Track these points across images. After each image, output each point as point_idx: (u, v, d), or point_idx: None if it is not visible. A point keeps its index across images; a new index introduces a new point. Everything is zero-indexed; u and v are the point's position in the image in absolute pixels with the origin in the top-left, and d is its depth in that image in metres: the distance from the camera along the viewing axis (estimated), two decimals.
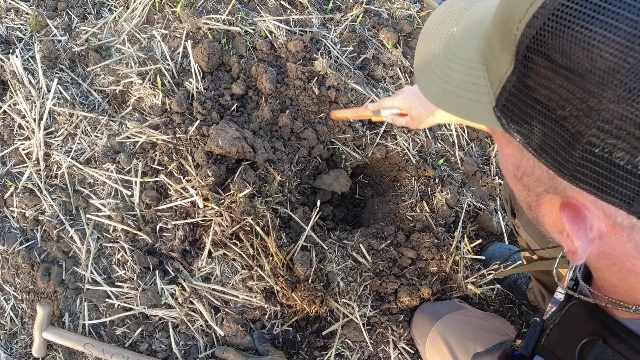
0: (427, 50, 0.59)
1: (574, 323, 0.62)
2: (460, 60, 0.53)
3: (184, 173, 1.47)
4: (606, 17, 0.34)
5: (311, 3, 1.73)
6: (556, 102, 0.39)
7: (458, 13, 0.59)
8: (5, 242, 1.51)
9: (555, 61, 0.38)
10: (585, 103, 0.37)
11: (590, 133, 0.38)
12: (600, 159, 0.38)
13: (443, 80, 0.54)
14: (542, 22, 0.38)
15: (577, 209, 0.44)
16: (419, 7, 1.86)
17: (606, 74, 0.35)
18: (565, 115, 0.39)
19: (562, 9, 0.36)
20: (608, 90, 0.35)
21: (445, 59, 0.55)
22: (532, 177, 0.48)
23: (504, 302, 1.63)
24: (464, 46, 0.53)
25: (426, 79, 0.57)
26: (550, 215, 0.50)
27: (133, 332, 1.41)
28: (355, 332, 1.43)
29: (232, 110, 1.56)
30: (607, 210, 0.42)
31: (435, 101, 0.55)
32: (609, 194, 0.39)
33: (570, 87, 0.37)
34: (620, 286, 0.53)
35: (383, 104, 1.26)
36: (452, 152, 1.71)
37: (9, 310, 1.51)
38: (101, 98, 1.59)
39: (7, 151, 1.56)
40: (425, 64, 0.58)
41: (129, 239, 1.46)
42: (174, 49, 1.61)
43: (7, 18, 1.70)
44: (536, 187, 0.49)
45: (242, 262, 1.44)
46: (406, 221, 1.60)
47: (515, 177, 0.52)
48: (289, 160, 1.56)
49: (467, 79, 0.51)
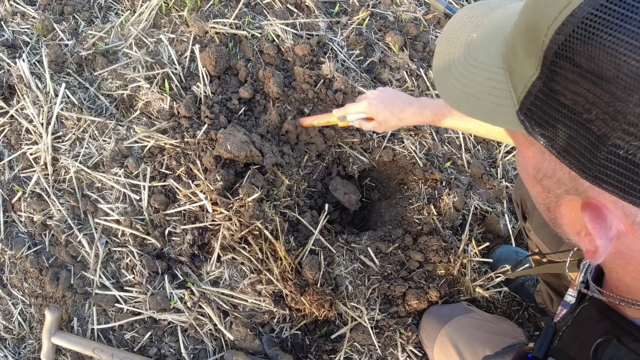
0: (446, 54, 0.60)
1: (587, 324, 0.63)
2: (481, 64, 0.54)
3: (193, 177, 1.47)
4: (632, 26, 0.35)
5: (318, 6, 1.73)
6: (582, 106, 0.40)
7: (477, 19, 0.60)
8: (14, 246, 1.51)
9: (582, 67, 0.39)
10: (611, 107, 0.38)
11: (616, 135, 0.39)
12: (625, 160, 0.39)
13: (463, 84, 0.55)
14: (571, 29, 0.39)
15: (599, 209, 0.45)
16: (425, 10, 1.87)
17: (632, 79, 0.36)
18: (591, 118, 0.40)
19: (590, 17, 0.38)
20: (634, 94, 0.36)
21: (466, 64, 0.56)
22: (553, 179, 0.49)
23: (511, 304, 1.63)
24: (485, 51, 0.54)
25: (446, 82, 0.58)
26: (569, 216, 0.51)
27: (142, 337, 1.41)
28: (364, 336, 1.43)
29: (239, 114, 1.56)
30: (627, 210, 0.43)
31: (456, 105, 0.56)
32: (631, 194, 0.40)
33: (597, 92, 0.38)
34: (634, 285, 0.54)
35: (348, 109, 1.27)
36: (458, 155, 1.71)
37: (17, 315, 1.51)
38: (109, 102, 1.59)
39: (14, 156, 1.56)
40: (445, 68, 0.59)
41: (137, 244, 1.46)
42: (181, 53, 1.61)
43: (13, 22, 1.70)
44: (556, 188, 0.50)
45: (251, 266, 1.44)
46: (413, 224, 1.60)
47: (535, 179, 0.53)
48: (297, 163, 1.56)
49: (489, 83, 0.52)
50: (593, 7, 0.37)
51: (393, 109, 1.17)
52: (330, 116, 1.36)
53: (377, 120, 1.21)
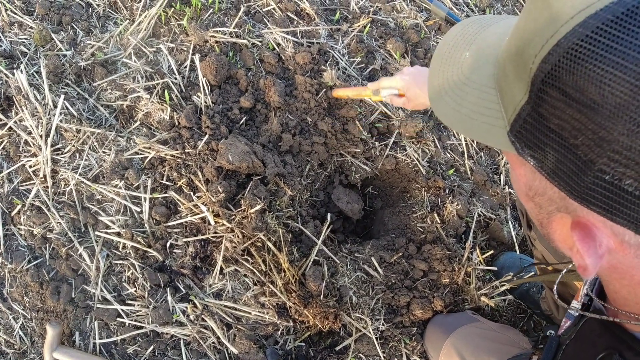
0: (440, 73, 0.61)
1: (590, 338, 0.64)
2: (473, 84, 0.55)
3: (194, 189, 1.45)
4: (616, 57, 0.36)
5: (318, 14, 1.72)
6: (569, 132, 0.41)
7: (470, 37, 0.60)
8: (14, 260, 1.50)
9: (569, 95, 0.40)
10: (596, 134, 0.39)
11: (601, 162, 0.40)
12: (610, 185, 0.40)
13: (457, 103, 0.56)
14: (557, 59, 0.40)
15: (588, 227, 0.46)
16: (425, 16, 1.85)
17: (616, 109, 0.37)
18: (577, 144, 0.41)
19: (576, 48, 0.38)
20: (618, 124, 0.37)
21: (459, 83, 0.57)
22: (544, 197, 0.50)
23: (516, 312, 1.62)
24: (477, 70, 0.55)
25: (440, 101, 0.59)
26: (560, 232, 0.52)
27: (145, 351, 1.40)
28: (369, 346, 1.42)
29: (240, 124, 1.55)
30: (615, 230, 0.44)
31: (450, 124, 0.57)
32: (618, 216, 0.42)
33: (583, 119, 0.39)
34: (631, 299, 0.55)
35: (382, 83, 1.27)
36: (461, 162, 1.70)
37: (18, 329, 1.49)
38: (108, 113, 1.57)
39: (13, 168, 1.55)
40: (439, 87, 0.60)
41: (139, 256, 1.45)
42: (181, 63, 1.60)
43: (11, 32, 1.68)
44: (548, 205, 0.51)
45: (254, 278, 1.42)
46: (417, 232, 1.59)
47: (527, 195, 0.54)
48: (299, 173, 1.54)
49: (481, 102, 0.53)
50: (578, 38, 0.38)
51: (424, 87, 1.16)
52: (364, 89, 1.36)
53: (407, 96, 1.21)
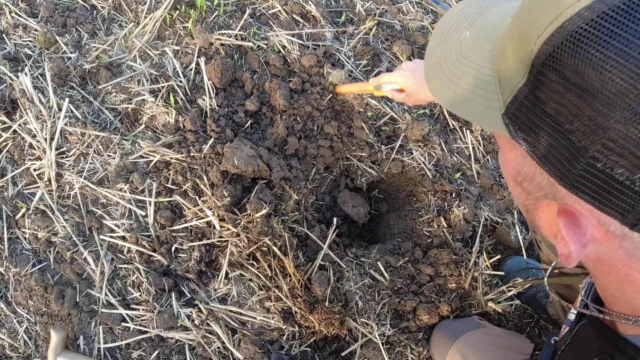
0: (439, 50, 0.60)
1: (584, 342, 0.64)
2: (471, 64, 0.54)
3: (199, 193, 1.44)
4: (619, 44, 0.36)
5: (324, 16, 1.71)
6: (565, 117, 0.41)
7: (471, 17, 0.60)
8: (18, 264, 1.49)
9: (568, 79, 0.39)
10: (592, 121, 0.39)
11: (595, 149, 0.40)
12: (602, 173, 0.40)
13: (453, 83, 0.55)
14: (559, 41, 0.39)
15: (574, 215, 0.46)
16: (432, 19, 1.84)
17: (615, 96, 0.37)
18: (572, 129, 0.41)
19: (580, 31, 0.38)
20: (616, 111, 0.37)
21: (457, 62, 0.56)
22: (533, 183, 0.50)
23: (523, 317, 1.61)
24: (476, 51, 0.54)
25: (436, 79, 0.58)
26: (546, 219, 0.52)
27: (149, 355, 1.39)
28: (375, 352, 1.41)
29: (246, 128, 1.54)
30: (601, 219, 0.44)
31: (444, 102, 0.57)
32: (606, 205, 0.42)
33: (580, 105, 0.39)
34: (619, 296, 0.55)
35: (382, 79, 1.29)
36: (468, 166, 1.68)
37: (22, 333, 1.49)
38: (113, 116, 1.56)
39: (18, 171, 1.54)
40: (436, 64, 0.59)
41: (143, 260, 1.44)
42: (186, 66, 1.59)
43: (15, 35, 1.68)
44: (535, 192, 0.51)
45: (260, 282, 1.41)
46: (423, 237, 1.58)
47: (515, 180, 0.54)
48: (305, 177, 1.53)
49: (478, 83, 0.52)
50: (584, 22, 0.37)
51: (423, 83, 1.16)
52: (366, 85, 1.37)
53: (407, 92, 1.22)
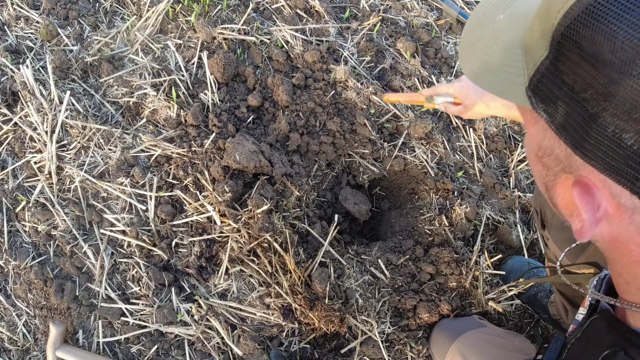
0: (474, 31, 0.64)
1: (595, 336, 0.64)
2: (502, 43, 0.58)
3: (200, 188, 1.44)
4: (630, 16, 0.39)
5: (327, 12, 1.69)
6: (580, 85, 0.44)
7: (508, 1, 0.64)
8: (18, 257, 1.48)
9: (584, 49, 0.43)
10: (604, 88, 0.42)
11: (605, 114, 0.42)
12: (611, 139, 0.43)
13: (484, 60, 0.59)
14: (576, 13, 0.43)
15: (588, 186, 0.48)
16: (436, 15, 1.83)
17: (625, 64, 0.39)
18: (586, 97, 0.44)
19: (595, 5, 0.41)
20: (625, 78, 0.40)
21: (489, 42, 0.60)
22: (552, 157, 0.53)
23: (523, 316, 1.60)
24: (507, 32, 0.58)
25: (469, 57, 0.62)
26: (563, 196, 0.55)
27: (148, 350, 1.39)
28: (374, 350, 1.40)
29: (248, 123, 1.53)
30: (613, 190, 0.46)
31: (474, 77, 0.61)
32: (616, 172, 0.44)
33: (594, 73, 0.42)
34: (632, 283, 0.56)
35: (438, 89, 1.25)
36: (470, 164, 1.68)
37: (21, 326, 1.48)
38: (114, 110, 1.56)
39: (18, 164, 1.53)
40: (470, 44, 0.63)
41: (143, 255, 1.43)
42: (189, 60, 1.58)
43: (17, 27, 1.67)
44: (554, 166, 0.53)
45: (260, 278, 1.41)
46: (425, 235, 1.57)
47: (537, 156, 0.56)
48: (306, 173, 1.53)
49: (506, 61, 0.56)
50: None
51: (483, 96, 1.17)
52: (418, 96, 1.33)
53: (464, 104, 1.20)
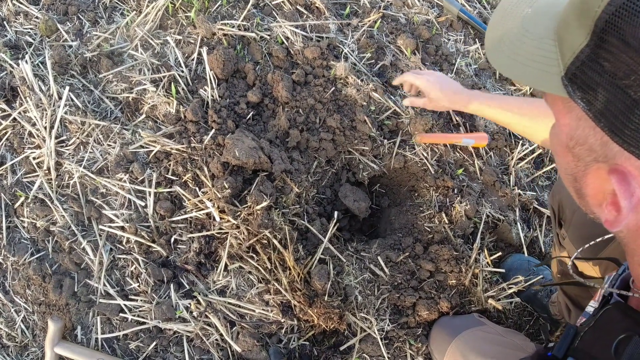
0: (501, 25, 0.65)
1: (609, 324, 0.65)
2: (531, 35, 0.59)
3: (199, 184, 1.43)
4: None
5: (328, 8, 1.69)
6: (623, 72, 0.45)
7: None
8: (16, 252, 1.48)
9: (629, 35, 0.44)
10: None
11: None
12: None
13: (513, 52, 0.61)
14: (621, 1, 0.44)
15: (624, 174, 0.49)
16: (437, 12, 1.82)
17: None
18: (630, 83, 0.45)
19: None
20: None
21: (518, 34, 0.61)
22: (585, 146, 0.53)
23: (522, 314, 1.60)
24: (537, 24, 0.60)
25: (498, 51, 0.63)
26: (593, 186, 0.55)
27: (147, 347, 1.38)
28: (373, 347, 1.40)
29: (247, 119, 1.52)
30: None
31: (504, 69, 0.62)
32: None
33: (638, 59, 0.43)
34: None
35: (405, 77, 1.40)
36: (470, 162, 1.67)
37: (19, 323, 1.48)
38: (114, 105, 1.55)
39: (17, 160, 1.53)
40: (498, 38, 0.64)
41: (142, 251, 1.43)
42: (188, 55, 1.57)
43: (16, 22, 1.66)
44: (586, 156, 0.54)
45: (259, 275, 1.41)
46: (424, 232, 1.57)
47: (567, 147, 0.57)
48: (306, 170, 1.52)
49: (537, 52, 0.57)
50: None
51: (447, 91, 1.30)
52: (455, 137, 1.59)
53: (430, 97, 1.33)
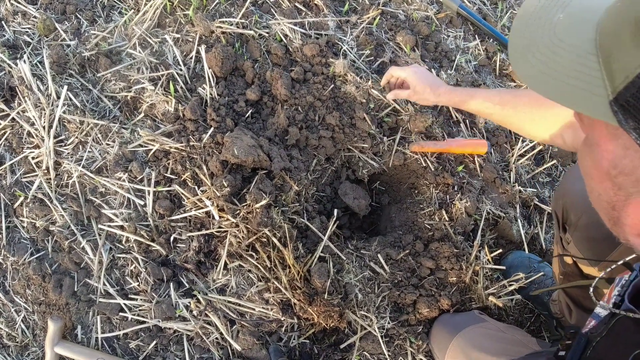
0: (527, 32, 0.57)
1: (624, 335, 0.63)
2: (568, 47, 0.51)
3: (199, 182, 1.43)
4: None
5: (327, 5, 1.68)
6: None
7: None
8: (16, 252, 1.48)
9: None
10: None
11: None
12: None
13: (546, 65, 0.53)
14: None
15: None
16: (436, 9, 1.81)
17: None
18: None
19: None
20: None
21: (551, 44, 0.53)
22: (631, 177, 0.49)
23: (523, 311, 1.60)
24: (574, 34, 0.52)
25: (525, 62, 0.56)
26: (635, 216, 0.52)
27: (147, 346, 1.38)
28: (374, 345, 1.40)
29: (246, 117, 1.52)
30: None
31: (533, 84, 0.54)
32: None
33: None
34: None
35: (391, 71, 1.44)
36: (471, 159, 1.66)
37: (20, 322, 1.48)
38: (112, 104, 1.55)
39: (16, 160, 1.53)
40: (524, 47, 0.57)
41: (142, 250, 1.43)
42: (187, 54, 1.57)
43: (14, 22, 1.66)
44: (631, 187, 0.50)
45: (259, 273, 1.40)
46: (424, 230, 1.56)
47: (608, 174, 0.52)
48: (305, 168, 1.52)
49: (577, 67, 0.50)
50: None
51: (432, 84, 1.34)
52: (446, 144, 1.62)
53: (415, 89, 1.37)
